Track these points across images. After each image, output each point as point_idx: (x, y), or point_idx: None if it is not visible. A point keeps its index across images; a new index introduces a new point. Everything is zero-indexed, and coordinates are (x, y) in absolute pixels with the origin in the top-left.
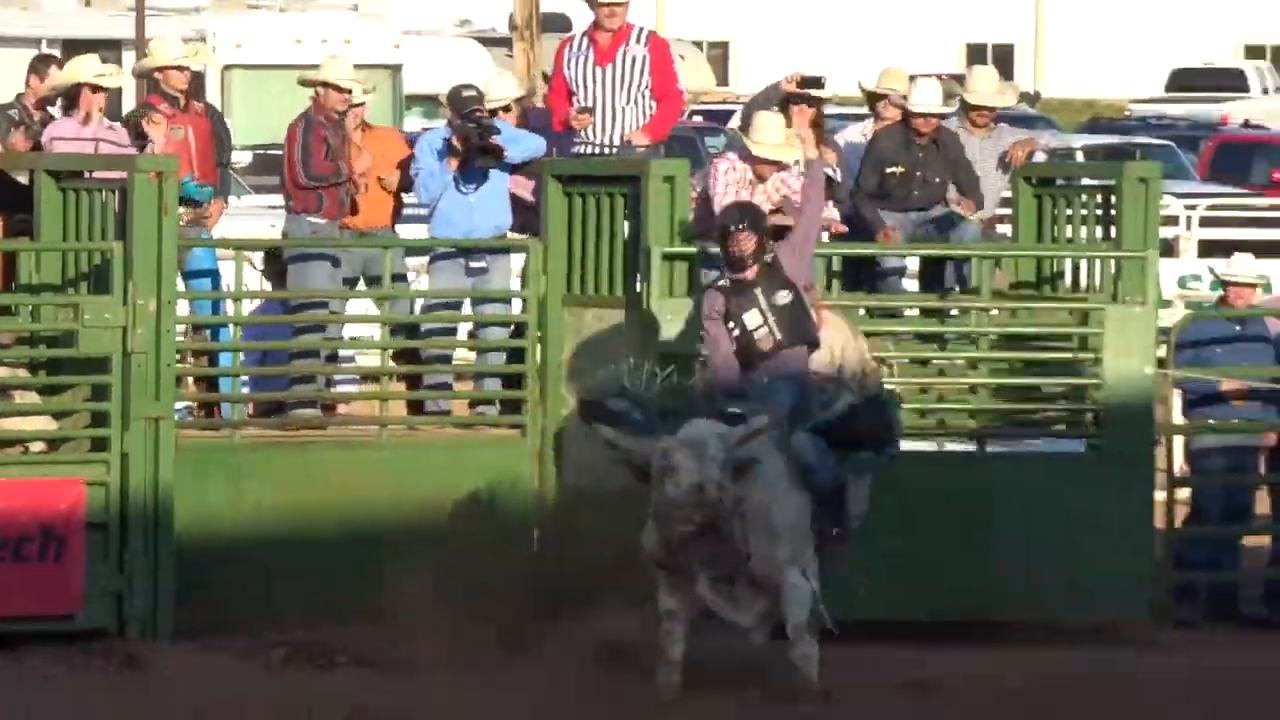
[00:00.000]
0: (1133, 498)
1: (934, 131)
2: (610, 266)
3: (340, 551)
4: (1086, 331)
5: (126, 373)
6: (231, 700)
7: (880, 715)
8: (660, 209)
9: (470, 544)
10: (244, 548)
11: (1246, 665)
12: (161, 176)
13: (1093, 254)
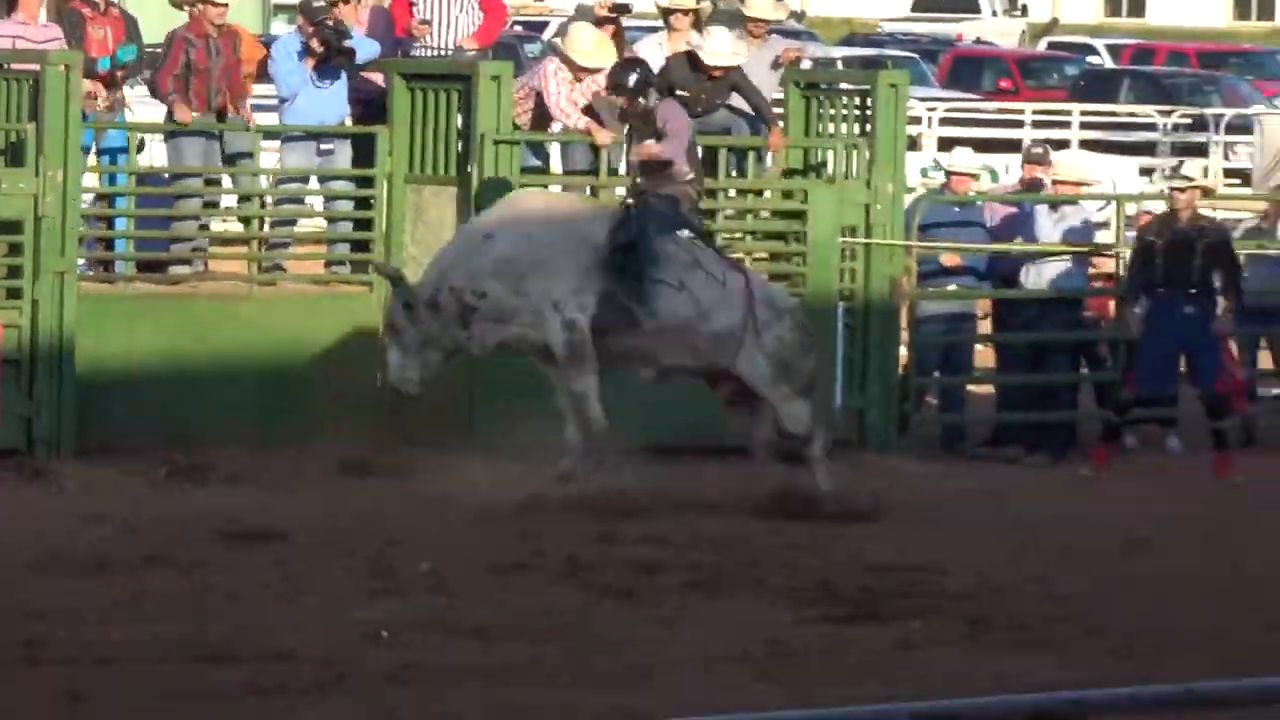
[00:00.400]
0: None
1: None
2: (445, 152)
3: (216, 387)
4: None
5: (37, 233)
6: (121, 509)
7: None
8: (488, 103)
9: (324, 381)
10: (135, 382)
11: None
12: (68, 69)
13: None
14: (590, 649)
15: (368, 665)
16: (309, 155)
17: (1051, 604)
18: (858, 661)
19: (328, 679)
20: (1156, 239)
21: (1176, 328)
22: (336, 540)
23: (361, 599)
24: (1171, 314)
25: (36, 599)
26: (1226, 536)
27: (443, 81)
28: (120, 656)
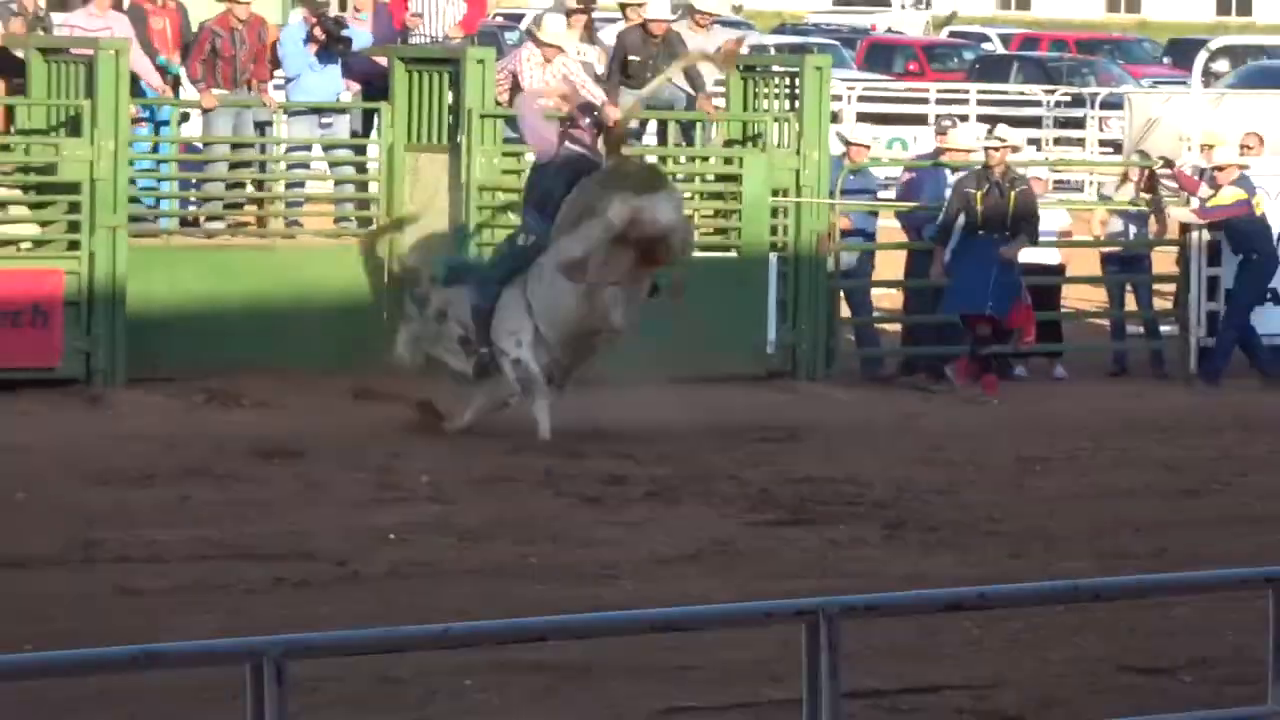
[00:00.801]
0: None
1: (664, 33)
2: (438, 124)
3: (245, 324)
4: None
5: (93, 194)
6: (166, 429)
7: None
8: (474, 83)
9: (336, 319)
10: (176, 321)
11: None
12: (118, 54)
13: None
14: (565, 549)
15: (377, 563)
16: (312, 127)
17: (957, 511)
18: (793, 560)
19: (343, 575)
20: (975, 189)
21: (989, 261)
22: (349, 456)
23: (371, 506)
24: (986, 250)
25: (94, 507)
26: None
27: (435, 64)
28: (166, 555)
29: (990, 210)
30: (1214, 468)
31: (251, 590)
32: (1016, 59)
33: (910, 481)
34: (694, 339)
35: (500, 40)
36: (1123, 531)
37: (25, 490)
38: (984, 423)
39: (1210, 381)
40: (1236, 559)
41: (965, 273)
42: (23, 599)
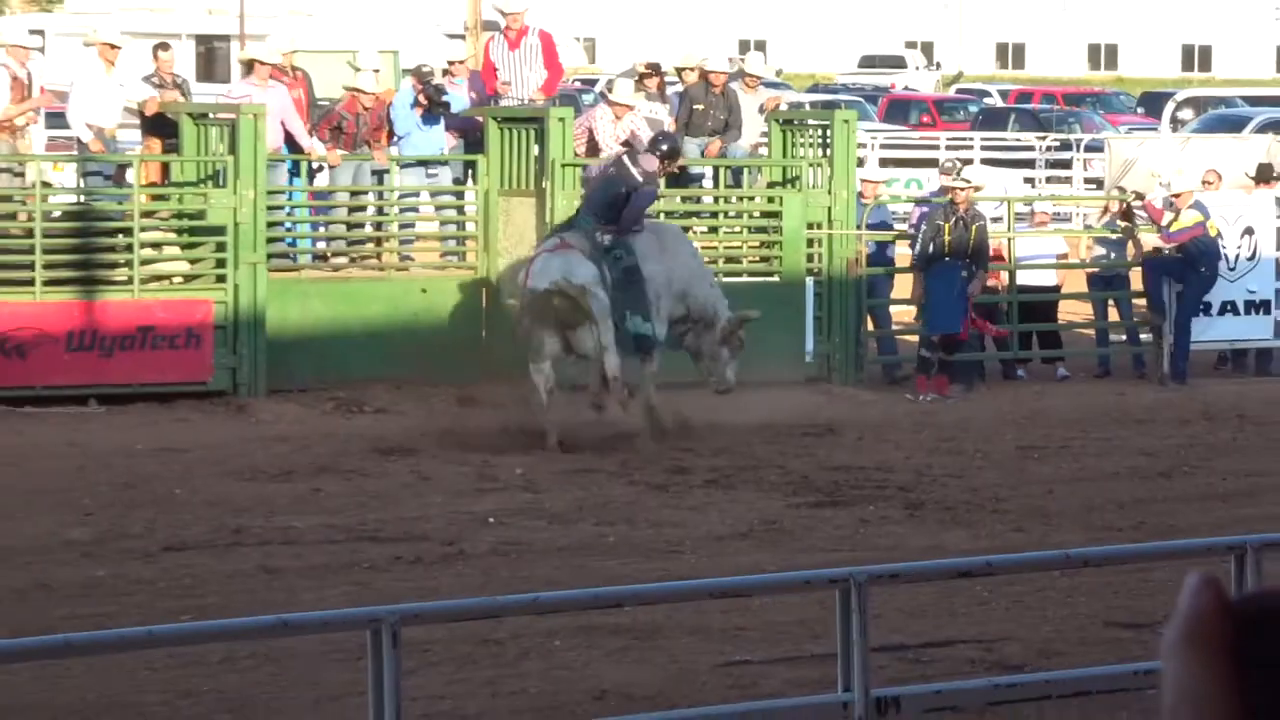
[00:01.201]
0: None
1: (722, 86)
2: (526, 173)
3: (366, 343)
4: (776, 208)
5: (237, 235)
6: (299, 431)
7: None
8: (556, 137)
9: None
10: (308, 340)
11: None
12: (256, 117)
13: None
14: (637, 529)
15: (479, 543)
16: (420, 176)
17: (967, 493)
18: (829, 535)
19: (451, 553)
20: (943, 222)
21: (956, 284)
22: (454, 453)
23: (473, 495)
24: (953, 274)
25: (240, 498)
26: (1090, 443)
27: (523, 122)
28: (301, 539)
29: (955, 240)
30: (1184, 453)
31: (373, 567)
32: (1013, 111)
33: (928, 468)
34: (745, 351)
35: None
36: (1108, 508)
37: (182, 486)
38: (989, 418)
39: (1178, 380)
40: (1204, 530)
41: (938, 297)
42: (180, 577)
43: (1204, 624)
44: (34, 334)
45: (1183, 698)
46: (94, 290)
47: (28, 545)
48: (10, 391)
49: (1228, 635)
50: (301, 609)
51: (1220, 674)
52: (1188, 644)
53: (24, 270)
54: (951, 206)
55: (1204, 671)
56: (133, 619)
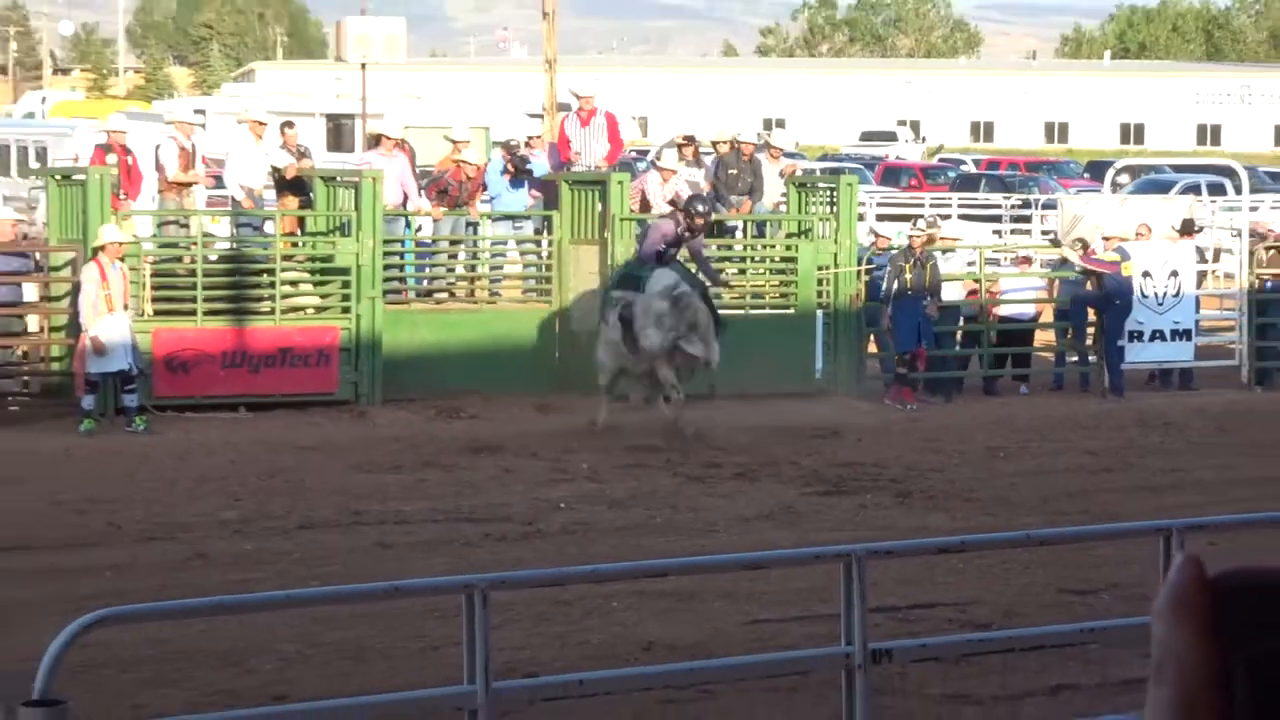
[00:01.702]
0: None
1: (750, 155)
2: (592, 225)
3: (463, 362)
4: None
5: (359, 275)
6: (408, 433)
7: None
8: (616, 197)
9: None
10: (416, 360)
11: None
12: (375, 180)
13: (800, 219)
14: (679, 513)
15: (552, 523)
16: (508, 228)
17: (947, 484)
18: (834, 518)
19: (530, 531)
20: (905, 263)
21: (915, 315)
22: (533, 451)
23: (548, 485)
24: (915, 306)
25: (359, 487)
26: (1046, 445)
27: (589, 184)
28: (409, 520)
29: (915, 278)
30: (1122, 453)
31: (468, 543)
32: (984, 176)
33: (915, 464)
34: (767, 369)
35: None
36: (1060, 497)
37: (313, 477)
38: (964, 424)
39: (1117, 394)
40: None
41: (902, 323)
42: (310, 551)
43: (1186, 593)
44: (195, 354)
45: (1168, 655)
46: (243, 319)
47: (190, 523)
48: (177, 400)
49: (1206, 605)
50: (409, 577)
51: (1199, 637)
52: (1171, 610)
53: (188, 302)
54: (909, 250)
55: (1185, 634)
56: (273, 584)
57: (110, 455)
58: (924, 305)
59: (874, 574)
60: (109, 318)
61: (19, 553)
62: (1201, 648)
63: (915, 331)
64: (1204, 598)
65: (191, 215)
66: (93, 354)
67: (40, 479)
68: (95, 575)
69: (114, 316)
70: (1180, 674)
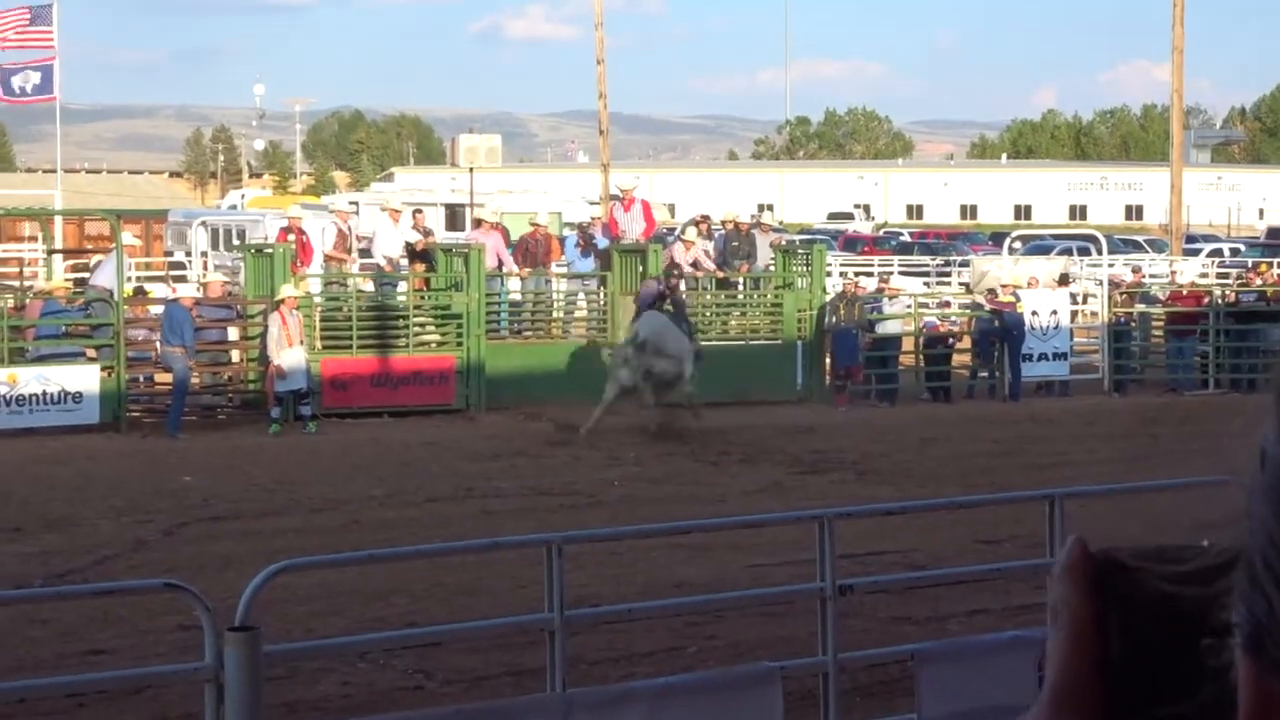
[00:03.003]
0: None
1: (747, 230)
2: (634, 281)
3: (543, 381)
4: (779, 302)
5: (469, 319)
6: (504, 432)
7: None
8: (653, 262)
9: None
10: (509, 380)
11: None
12: (479, 251)
13: (784, 276)
14: (700, 488)
15: (608, 496)
16: (578, 284)
17: (892, 465)
18: (812, 491)
19: (590, 502)
20: (840, 304)
21: (849, 341)
22: (594, 444)
23: (605, 467)
24: (848, 335)
25: (468, 472)
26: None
27: (632, 252)
28: (505, 494)
29: (847, 314)
30: (1018, 441)
31: (548, 510)
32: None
33: (869, 451)
34: (762, 384)
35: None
36: (974, 474)
37: (436, 464)
38: (904, 421)
39: (1015, 399)
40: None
41: (841, 348)
42: (430, 520)
43: (1074, 562)
44: (352, 376)
45: (1062, 605)
46: (386, 351)
47: (346, 498)
48: (339, 410)
49: (1089, 570)
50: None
51: (1084, 593)
52: (1065, 573)
53: (346, 339)
54: (843, 294)
55: (1074, 590)
56: (408, 541)
57: (291, 450)
58: (854, 334)
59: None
60: (288, 351)
61: (228, 521)
62: (1086, 599)
63: (850, 353)
64: (1087, 565)
65: (349, 278)
66: (277, 377)
67: (243, 467)
68: (281, 536)
69: (292, 350)
70: (1071, 619)
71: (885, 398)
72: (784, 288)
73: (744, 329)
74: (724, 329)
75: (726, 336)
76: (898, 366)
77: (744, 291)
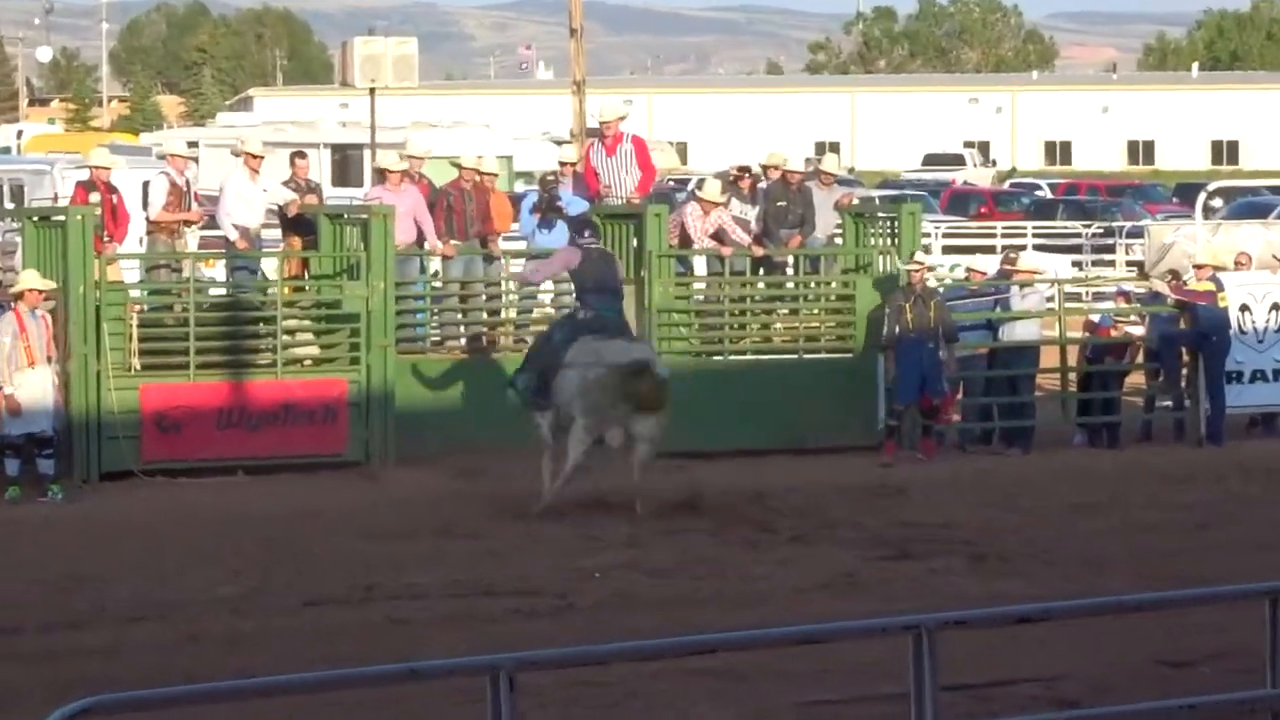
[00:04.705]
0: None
1: (799, 183)
2: (628, 262)
3: (484, 417)
4: (850, 292)
5: (369, 322)
6: (424, 495)
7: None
8: (653, 231)
9: None
10: (432, 414)
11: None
12: (385, 217)
13: (858, 252)
14: (729, 582)
15: (586, 596)
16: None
17: (1024, 545)
18: (900, 587)
19: (561, 606)
20: (904, 302)
21: (920, 360)
22: (562, 513)
23: (580, 553)
24: (919, 351)
25: (371, 557)
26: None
27: (624, 218)
28: (425, 594)
29: (916, 318)
30: (1220, 507)
31: (491, 619)
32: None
33: (989, 523)
34: (823, 419)
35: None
36: (1153, 558)
37: (319, 547)
38: (1043, 476)
39: (1215, 442)
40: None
41: (905, 371)
42: (317, 629)
43: None
44: (187, 412)
45: None
46: (241, 372)
47: (182, 600)
48: (169, 464)
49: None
50: (427, 657)
51: None
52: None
53: (179, 355)
54: (909, 288)
55: None
56: (276, 668)
57: (94, 525)
58: (930, 349)
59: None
60: (28, 373)
61: (4, 636)
62: None
63: (919, 381)
64: None
65: (183, 258)
66: (8, 413)
67: (20, 552)
68: (84, 658)
69: (34, 372)
70: None
71: (1015, 440)
72: (857, 271)
73: (796, 335)
74: (764, 336)
75: (768, 347)
76: (1033, 393)
77: (796, 278)
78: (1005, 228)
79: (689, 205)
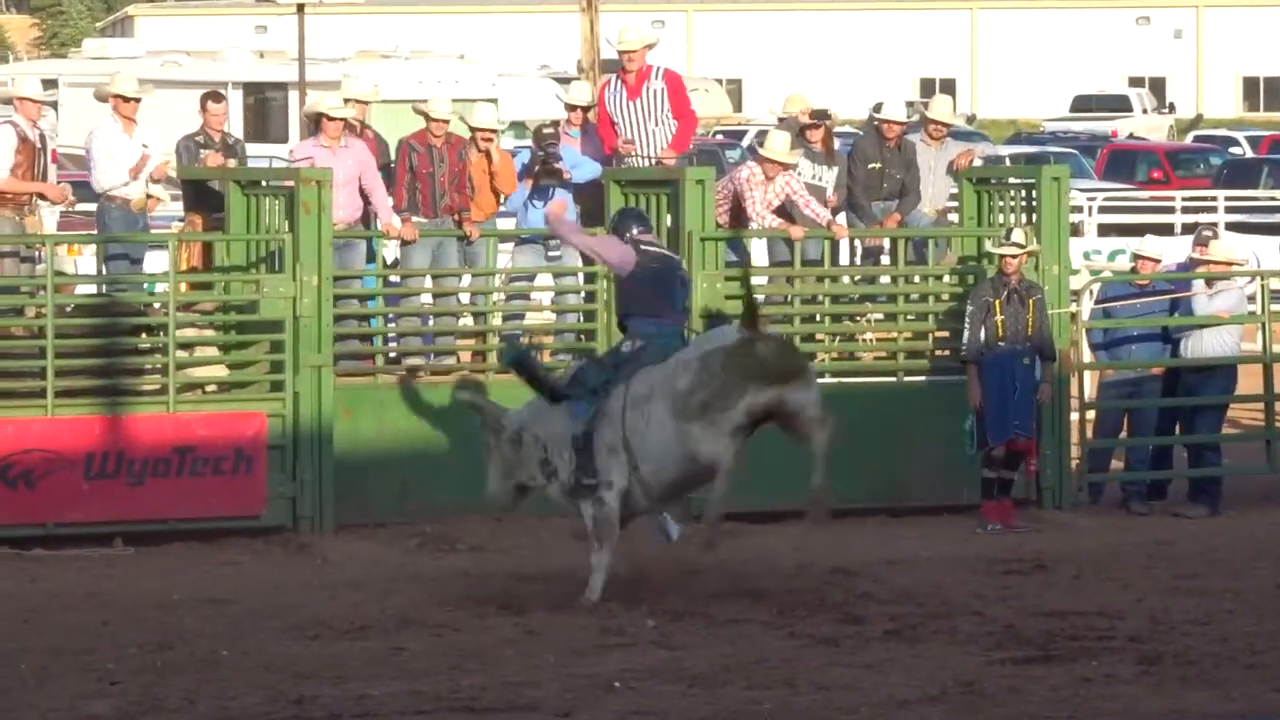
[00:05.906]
0: None
1: (897, 138)
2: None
3: (461, 464)
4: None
5: (296, 332)
6: (376, 576)
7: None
8: (694, 205)
9: None
10: (387, 461)
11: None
12: (320, 184)
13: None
14: (800, 693)
15: (602, 713)
16: (538, 256)
17: (1216, 644)
18: (1042, 699)
19: None
20: (994, 299)
21: (1014, 378)
22: (570, 601)
23: (594, 653)
24: (1012, 365)
25: (303, 661)
26: None
27: (653, 186)
28: (380, 711)
29: (1010, 320)
30: None
31: None
32: (1266, 163)
33: (1165, 613)
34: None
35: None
36: None
37: (230, 647)
38: (1240, 548)
39: None
40: None
41: (994, 396)
42: None
43: None
44: (45, 458)
45: None
46: (119, 403)
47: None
48: (17, 530)
49: None
50: None
51: None
52: None
53: (33, 380)
54: (1002, 278)
55: None
56: None
57: None
58: (1025, 366)
59: None
60: None
61: None
62: None
63: (1017, 408)
64: None
65: (37, 243)
66: None
67: None
68: None
69: None
70: None
71: (1200, 496)
72: (978, 260)
73: (894, 350)
74: (849, 351)
75: (855, 366)
76: (1221, 425)
77: (895, 270)
78: (1187, 198)
79: (745, 168)
